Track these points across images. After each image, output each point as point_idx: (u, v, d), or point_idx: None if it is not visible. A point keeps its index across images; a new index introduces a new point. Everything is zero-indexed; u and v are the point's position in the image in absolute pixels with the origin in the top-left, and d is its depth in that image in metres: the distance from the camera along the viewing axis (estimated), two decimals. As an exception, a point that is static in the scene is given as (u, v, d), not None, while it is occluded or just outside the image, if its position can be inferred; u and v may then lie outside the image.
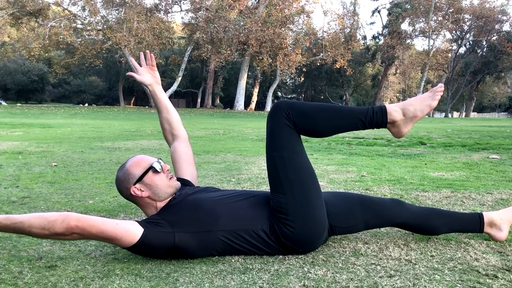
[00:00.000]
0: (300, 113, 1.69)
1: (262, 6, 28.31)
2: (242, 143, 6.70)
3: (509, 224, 1.84)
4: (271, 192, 1.70)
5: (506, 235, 1.82)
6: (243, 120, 16.36)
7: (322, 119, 1.71)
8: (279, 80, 32.45)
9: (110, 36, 24.84)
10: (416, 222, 1.80)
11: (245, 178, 3.42)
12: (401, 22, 33.72)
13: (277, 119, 1.70)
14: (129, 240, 1.55)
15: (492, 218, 1.82)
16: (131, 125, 11.40)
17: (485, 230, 1.82)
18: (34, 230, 1.49)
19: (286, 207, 1.64)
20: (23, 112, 18.62)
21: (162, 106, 2.09)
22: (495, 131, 9.35)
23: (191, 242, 1.60)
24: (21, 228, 1.50)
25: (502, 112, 48.35)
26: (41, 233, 1.50)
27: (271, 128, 1.72)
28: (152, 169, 1.69)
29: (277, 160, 1.69)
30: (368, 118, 1.70)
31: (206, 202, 1.68)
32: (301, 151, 1.72)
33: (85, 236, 1.53)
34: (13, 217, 1.52)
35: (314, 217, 1.66)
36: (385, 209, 1.78)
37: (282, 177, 1.67)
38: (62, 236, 1.51)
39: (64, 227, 1.48)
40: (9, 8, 24.60)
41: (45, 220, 1.49)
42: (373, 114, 1.70)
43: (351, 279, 1.45)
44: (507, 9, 46.76)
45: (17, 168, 3.92)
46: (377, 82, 39.35)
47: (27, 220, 1.50)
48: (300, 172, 1.68)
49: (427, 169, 3.95)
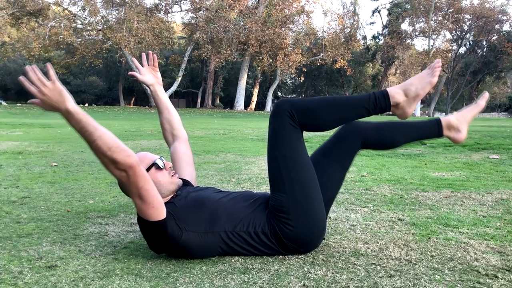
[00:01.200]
0: (303, 110, 1.69)
1: (262, 6, 28.30)
2: (242, 143, 6.69)
3: (467, 124, 1.82)
4: (272, 191, 1.70)
5: (465, 136, 1.81)
6: (243, 120, 16.35)
7: (326, 114, 1.70)
8: (279, 80, 32.43)
9: (110, 36, 24.83)
10: (374, 136, 1.80)
11: (245, 178, 3.42)
12: (401, 22, 33.73)
13: (280, 118, 1.69)
14: (157, 214, 1.55)
15: (449, 120, 1.81)
16: (131, 125, 11.40)
17: (444, 133, 1.81)
18: (99, 141, 1.43)
19: (287, 206, 1.64)
20: (23, 112, 18.61)
21: (163, 106, 2.08)
22: (495, 131, 9.34)
23: (195, 241, 1.61)
24: (90, 132, 1.44)
25: (502, 112, 48.29)
26: (101, 149, 1.44)
27: (273, 127, 1.71)
28: (155, 166, 1.69)
29: (279, 159, 1.69)
30: (371, 104, 1.70)
31: (209, 201, 1.68)
32: (303, 150, 1.72)
33: (130, 182, 1.50)
34: (90, 119, 1.46)
35: (315, 216, 1.66)
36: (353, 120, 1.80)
37: (283, 176, 1.67)
38: (114, 165, 1.46)
39: (125, 160, 1.45)
40: (9, 8, 24.59)
41: (116, 143, 1.45)
42: (376, 99, 1.71)
43: (351, 279, 1.45)
44: (507, 9, 46.76)
45: (17, 168, 3.92)
46: (377, 82, 39.34)
47: (101, 131, 1.45)
48: (302, 172, 1.68)
49: (427, 169, 3.95)
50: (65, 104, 1.42)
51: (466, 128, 1.82)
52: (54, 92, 1.42)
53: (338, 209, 2.43)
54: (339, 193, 2.84)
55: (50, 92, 1.41)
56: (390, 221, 2.17)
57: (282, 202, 1.65)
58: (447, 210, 2.40)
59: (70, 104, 1.43)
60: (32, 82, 1.41)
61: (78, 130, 1.45)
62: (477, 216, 2.27)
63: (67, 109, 1.42)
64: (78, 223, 2.15)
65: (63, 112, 1.43)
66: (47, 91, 1.41)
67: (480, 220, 2.18)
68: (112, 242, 1.85)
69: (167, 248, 1.63)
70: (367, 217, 2.26)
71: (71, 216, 2.27)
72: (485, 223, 2.14)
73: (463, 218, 2.22)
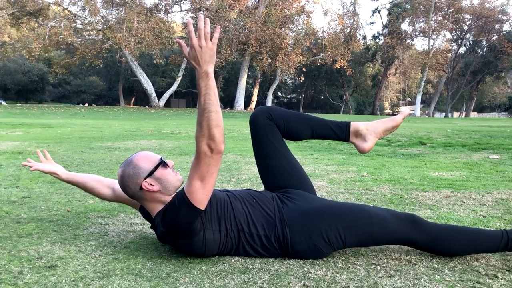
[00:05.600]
0: None
1: (262, 6, 28.30)
2: (242, 143, 6.69)
3: (375, 136, 1.81)
4: (315, 213, 1.68)
5: (369, 147, 1.81)
6: (243, 120, 16.34)
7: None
8: (279, 80, 32.43)
9: (110, 36, 24.81)
10: (282, 126, 1.83)
11: (245, 178, 3.42)
12: (401, 22, 33.72)
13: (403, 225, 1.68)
14: (203, 202, 1.54)
15: (358, 128, 1.81)
16: (131, 125, 11.40)
17: (350, 139, 1.82)
18: (214, 115, 1.47)
19: (313, 231, 1.63)
20: (23, 112, 18.61)
21: (80, 180, 2.09)
22: (495, 131, 9.34)
23: (209, 238, 1.61)
24: (212, 103, 1.48)
25: (502, 112, 48.28)
26: (212, 122, 1.47)
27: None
28: (162, 164, 1.70)
29: (369, 224, 1.65)
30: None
31: (219, 200, 1.68)
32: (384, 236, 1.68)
33: (206, 162, 1.50)
34: (216, 92, 1.51)
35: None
36: None
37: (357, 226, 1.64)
38: (209, 140, 1.48)
39: (220, 144, 1.49)
40: (9, 8, 24.57)
41: (223, 126, 1.51)
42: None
43: (351, 279, 1.45)
44: (507, 9, 46.83)
45: (17, 168, 3.92)
46: (377, 82, 39.33)
47: (219, 108, 1.50)
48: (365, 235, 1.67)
49: (427, 169, 3.95)
50: (208, 66, 1.48)
51: (374, 139, 1.81)
52: (209, 51, 1.48)
53: (338, 209, 2.43)
54: (339, 193, 2.85)
55: (206, 48, 1.47)
56: (390, 221, 2.17)
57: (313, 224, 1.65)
58: (447, 210, 2.40)
59: (211, 69, 1.49)
60: (198, 31, 1.47)
61: (203, 94, 1.48)
62: (477, 216, 2.28)
63: (207, 71, 1.48)
64: (78, 223, 2.15)
65: (202, 71, 1.48)
66: (204, 46, 1.47)
67: (480, 220, 2.18)
68: (112, 242, 1.85)
69: (181, 235, 1.59)
70: (367, 217, 2.25)
71: (71, 216, 2.27)
72: (485, 223, 2.14)
73: (463, 218, 2.22)
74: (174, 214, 1.57)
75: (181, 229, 1.58)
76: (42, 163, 2.17)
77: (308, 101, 43.86)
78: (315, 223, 1.62)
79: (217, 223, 1.63)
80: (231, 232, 1.64)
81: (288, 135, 1.84)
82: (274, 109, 1.84)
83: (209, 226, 1.61)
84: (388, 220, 1.63)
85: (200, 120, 1.48)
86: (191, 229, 1.57)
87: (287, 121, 1.82)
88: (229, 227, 1.64)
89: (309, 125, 1.83)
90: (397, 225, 1.62)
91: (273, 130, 1.81)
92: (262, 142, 1.83)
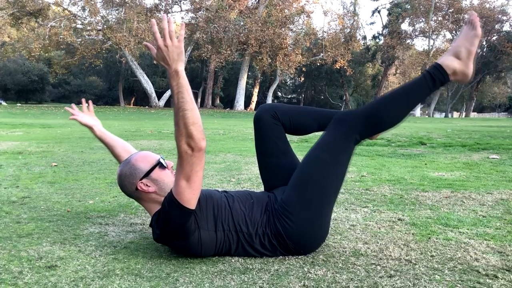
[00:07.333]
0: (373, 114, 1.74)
1: (262, 6, 28.29)
2: (242, 143, 6.69)
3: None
4: (289, 187, 1.70)
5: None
6: (243, 120, 16.34)
7: (393, 108, 1.72)
8: (279, 80, 32.42)
9: (110, 36, 24.81)
10: (287, 122, 1.84)
11: (245, 178, 3.42)
12: (401, 22, 33.71)
13: (340, 130, 1.73)
14: (191, 201, 1.53)
15: None
16: (131, 125, 11.40)
17: None
18: (189, 113, 1.47)
19: (295, 205, 1.65)
20: (23, 112, 18.61)
21: (112, 141, 2.10)
22: (495, 131, 9.34)
23: (205, 239, 1.61)
24: (186, 101, 1.47)
25: (502, 112, 48.30)
26: (187, 121, 1.47)
27: (328, 134, 1.74)
28: (159, 165, 1.70)
29: (320, 162, 1.70)
30: (430, 83, 1.72)
31: (216, 201, 1.68)
32: (344, 163, 1.74)
33: (189, 161, 1.49)
34: (189, 89, 1.49)
35: (319, 218, 1.67)
36: None
37: (314, 179, 1.67)
38: (188, 139, 1.48)
39: (200, 141, 1.49)
40: (9, 8, 24.57)
41: (200, 122, 1.51)
42: (432, 76, 1.71)
43: (351, 279, 1.45)
44: (507, 9, 46.72)
45: (17, 168, 3.92)
46: (377, 82, 39.33)
47: (194, 105, 1.50)
48: (330, 184, 1.70)
49: (427, 169, 3.95)
50: (177, 65, 1.47)
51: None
52: (175, 49, 1.46)
53: (338, 209, 2.43)
54: (339, 193, 2.84)
55: (172, 47, 1.45)
56: (390, 221, 2.17)
57: (292, 202, 1.66)
58: (447, 210, 2.40)
59: (180, 67, 1.47)
60: (162, 31, 1.45)
61: (176, 93, 1.47)
62: (477, 216, 2.28)
63: (176, 69, 1.46)
64: (78, 223, 2.15)
65: (172, 70, 1.46)
66: (170, 45, 1.45)
67: (480, 220, 2.18)
68: (112, 242, 1.85)
69: (176, 236, 1.59)
70: (367, 217, 2.26)
71: (71, 216, 2.27)
72: (485, 223, 2.14)
73: (463, 218, 2.22)
74: (165, 217, 1.57)
75: (174, 230, 1.58)
76: (82, 114, 2.17)
77: (308, 101, 43.84)
78: (301, 209, 1.66)
79: (213, 223, 1.63)
80: (229, 232, 1.64)
81: (294, 130, 1.85)
82: (278, 106, 1.85)
83: (205, 226, 1.61)
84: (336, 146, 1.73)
85: (176, 120, 1.48)
86: (185, 230, 1.57)
87: (292, 117, 1.83)
88: (226, 228, 1.64)
89: (314, 117, 1.84)
90: (342, 142, 1.73)
91: (278, 129, 1.82)
92: (265, 141, 1.83)
